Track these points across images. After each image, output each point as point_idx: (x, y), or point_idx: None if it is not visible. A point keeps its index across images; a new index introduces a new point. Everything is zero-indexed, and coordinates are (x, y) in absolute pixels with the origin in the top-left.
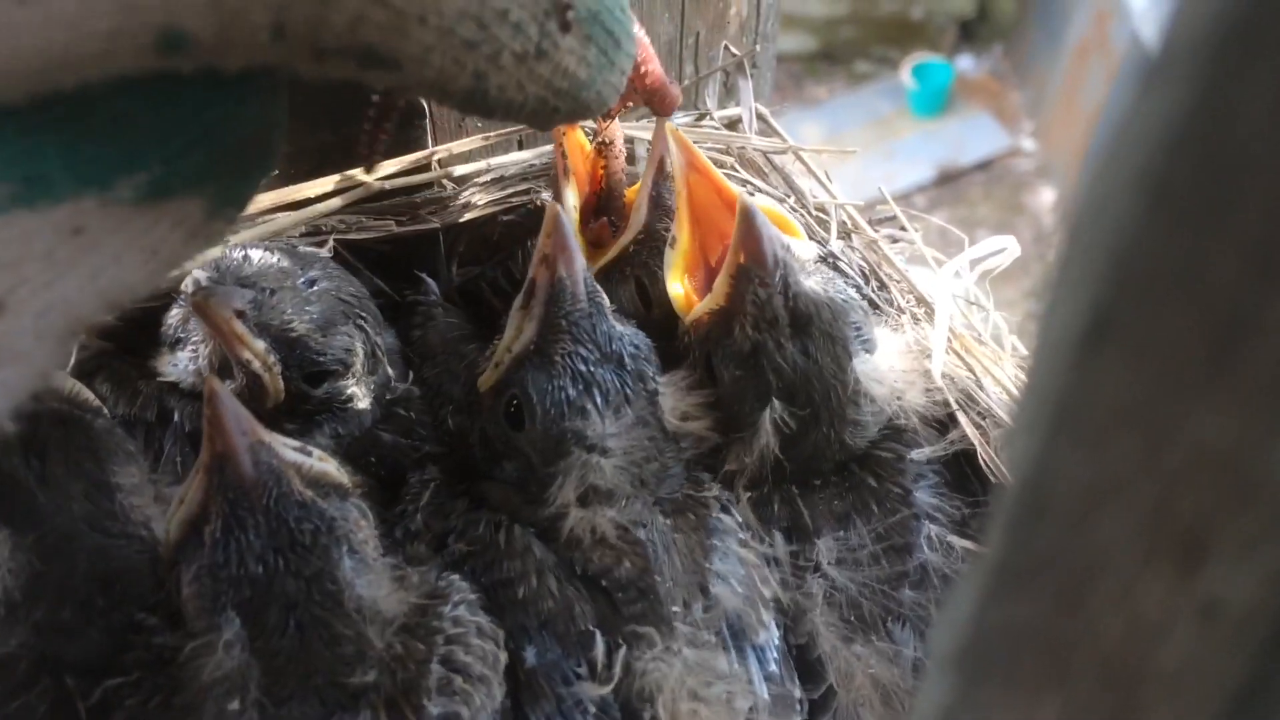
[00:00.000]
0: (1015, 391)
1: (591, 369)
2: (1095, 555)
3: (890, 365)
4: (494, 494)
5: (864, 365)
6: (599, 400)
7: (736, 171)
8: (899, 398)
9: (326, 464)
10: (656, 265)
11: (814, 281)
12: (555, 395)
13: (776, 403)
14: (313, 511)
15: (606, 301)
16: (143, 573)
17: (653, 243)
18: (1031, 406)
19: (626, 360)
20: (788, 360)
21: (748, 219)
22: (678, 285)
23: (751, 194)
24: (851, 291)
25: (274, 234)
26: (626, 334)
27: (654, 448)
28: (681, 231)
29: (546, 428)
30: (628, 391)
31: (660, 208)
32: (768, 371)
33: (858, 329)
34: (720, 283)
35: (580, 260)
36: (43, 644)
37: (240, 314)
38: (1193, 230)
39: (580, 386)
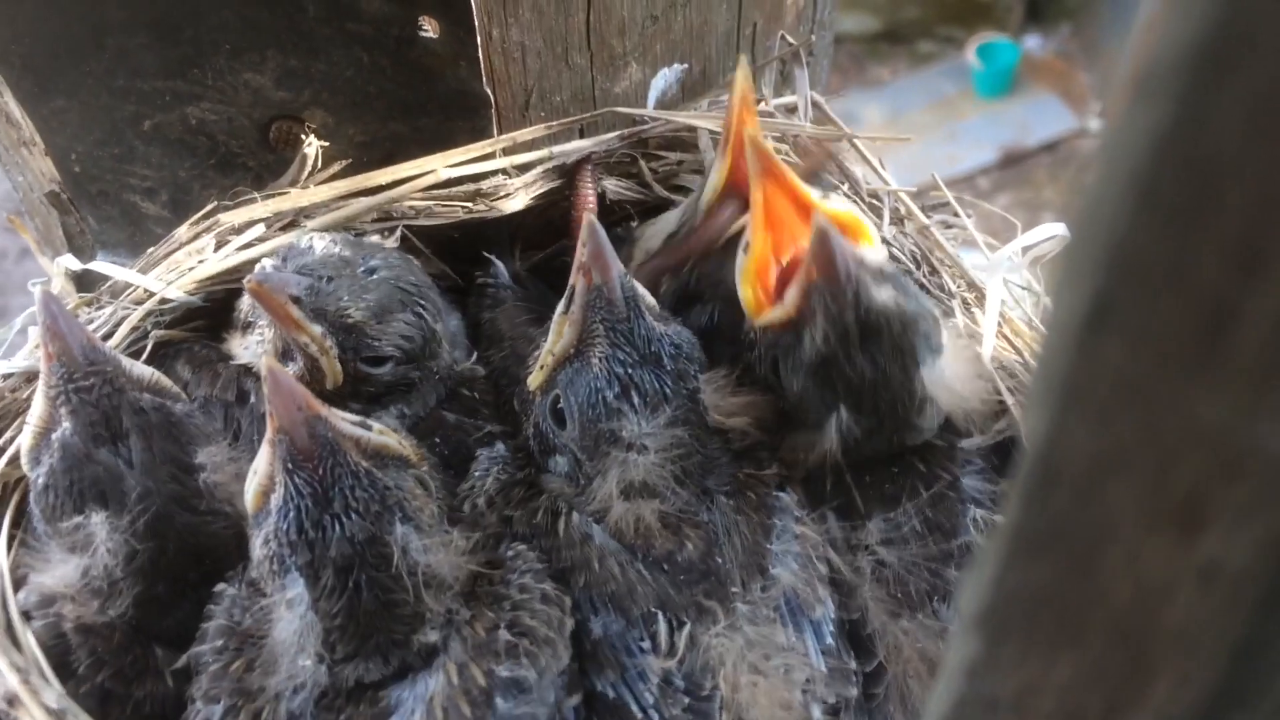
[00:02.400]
0: None
1: (629, 371)
2: (1104, 522)
3: (956, 372)
4: (552, 485)
5: (931, 373)
6: (637, 401)
7: (790, 158)
8: (964, 405)
9: (387, 437)
10: None
11: (885, 293)
12: (594, 398)
13: (844, 411)
14: (365, 480)
15: (649, 302)
16: (230, 547)
17: None
18: (1043, 384)
19: (666, 361)
20: (857, 371)
21: (823, 238)
22: (749, 289)
23: (825, 196)
24: (922, 298)
25: (348, 219)
26: (668, 334)
27: (695, 443)
28: (756, 237)
29: (585, 428)
30: (666, 391)
31: None
32: (836, 382)
33: (926, 336)
34: (792, 294)
35: (616, 266)
36: (139, 615)
37: (296, 300)
38: (1178, 229)
39: (618, 389)
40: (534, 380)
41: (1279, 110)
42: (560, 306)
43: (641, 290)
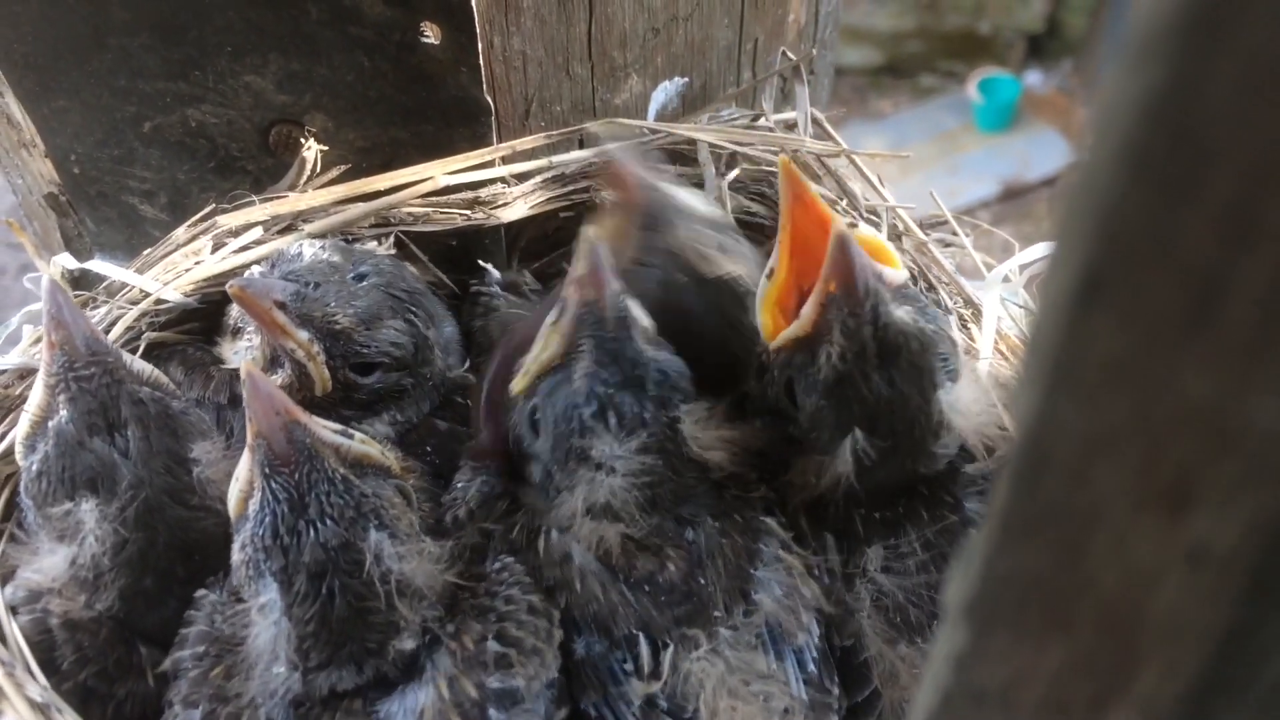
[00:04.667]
0: None
1: (610, 391)
2: (1092, 505)
3: (974, 397)
4: (527, 497)
5: (948, 396)
6: (613, 422)
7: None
8: (980, 432)
9: (369, 446)
10: None
11: (904, 311)
12: (569, 413)
13: (859, 432)
14: (341, 486)
15: (644, 324)
16: (220, 545)
17: None
18: (1033, 364)
19: (649, 385)
20: (873, 391)
21: (842, 248)
22: (767, 316)
23: (853, 224)
24: (941, 320)
25: (345, 224)
26: (656, 359)
27: (668, 471)
28: (781, 264)
29: (558, 441)
30: (645, 416)
31: None
32: (852, 402)
33: (944, 359)
34: (808, 310)
35: (612, 286)
36: (125, 610)
37: (281, 305)
38: (1170, 199)
39: (595, 407)
40: (517, 384)
41: (1272, 75)
42: (551, 315)
43: (637, 311)
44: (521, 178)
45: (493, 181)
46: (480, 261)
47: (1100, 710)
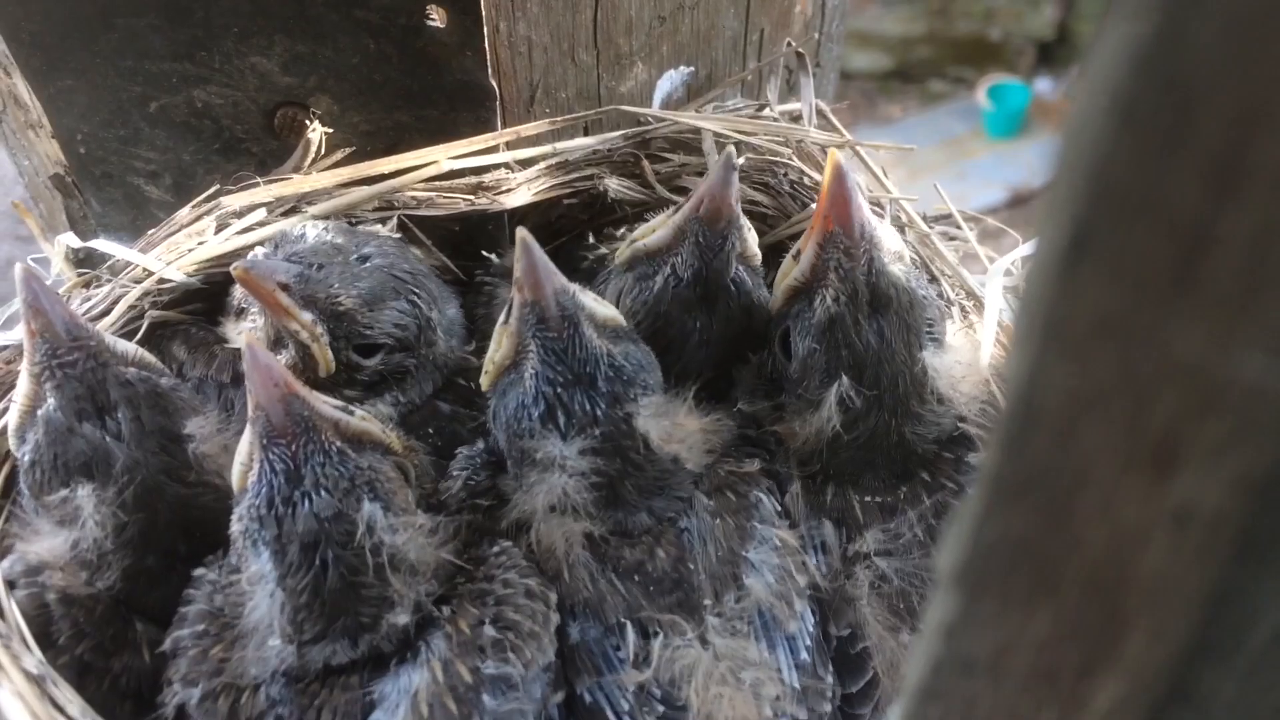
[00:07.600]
0: None
1: (559, 390)
2: (1080, 464)
3: (958, 361)
4: (506, 485)
5: (933, 359)
6: (563, 421)
7: (792, 162)
8: (957, 389)
9: (369, 424)
10: None
11: (898, 268)
12: (520, 413)
13: (845, 379)
14: (337, 458)
15: (601, 317)
16: (220, 521)
17: None
18: (1024, 321)
19: (600, 382)
20: (862, 338)
21: (839, 179)
22: (780, 293)
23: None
24: (929, 289)
25: (348, 207)
26: (610, 353)
27: (626, 467)
28: (806, 248)
29: (509, 441)
30: (597, 413)
31: None
32: (841, 346)
33: (930, 324)
34: (807, 253)
35: (551, 284)
36: (128, 588)
37: (285, 287)
38: (1157, 149)
39: (544, 407)
40: (484, 382)
41: (1257, 22)
42: (501, 317)
43: (592, 307)
44: (525, 164)
45: (496, 167)
46: (484, 252)
47: (1088, 677)
